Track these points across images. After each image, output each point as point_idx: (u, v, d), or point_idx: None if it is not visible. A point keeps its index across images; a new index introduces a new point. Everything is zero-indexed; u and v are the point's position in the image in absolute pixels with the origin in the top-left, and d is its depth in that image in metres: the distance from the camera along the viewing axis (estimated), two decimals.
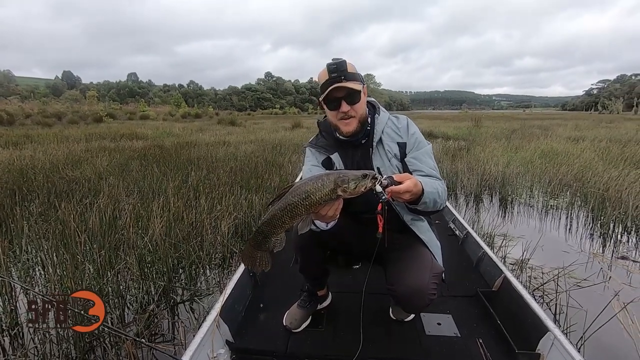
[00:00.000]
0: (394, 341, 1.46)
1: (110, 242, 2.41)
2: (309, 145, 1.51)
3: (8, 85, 69.90)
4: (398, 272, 1.31)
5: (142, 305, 1.99)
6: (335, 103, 1.32)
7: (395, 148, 1.39)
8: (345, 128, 1.35)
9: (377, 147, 1.40)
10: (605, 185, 3.98)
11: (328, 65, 1.29)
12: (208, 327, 1.32)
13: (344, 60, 1.30)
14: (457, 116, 28.50)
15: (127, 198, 3.49)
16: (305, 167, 1.49)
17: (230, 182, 4.17)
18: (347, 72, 1.28)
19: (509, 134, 10.86)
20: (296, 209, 1.00)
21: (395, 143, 1.40)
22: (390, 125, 1.43)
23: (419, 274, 1.27)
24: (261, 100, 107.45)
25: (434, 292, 1.27)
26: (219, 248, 2.66)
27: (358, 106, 1.33)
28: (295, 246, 1.47)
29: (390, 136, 1.41)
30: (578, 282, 2.24)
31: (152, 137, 10.69)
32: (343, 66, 1.28)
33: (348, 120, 1.34)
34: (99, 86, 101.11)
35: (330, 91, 1.28)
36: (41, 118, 19.67)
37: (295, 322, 1.55)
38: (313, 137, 1.54)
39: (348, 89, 1.28)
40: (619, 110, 38.79)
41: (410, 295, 1.27)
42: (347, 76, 1.28)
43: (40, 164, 5.36)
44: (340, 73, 1.27)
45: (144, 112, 29.47)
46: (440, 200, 1.26)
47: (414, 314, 1.60)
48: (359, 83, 1.31)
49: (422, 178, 1.25)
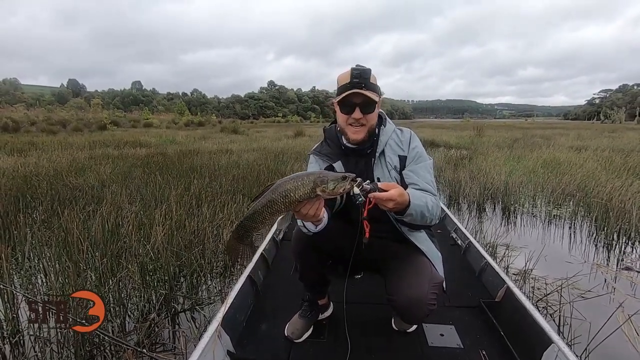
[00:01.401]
0: (396, 352, 1.44)
1: (112, 250, 2.41)
2: (312, 153, 1.52)
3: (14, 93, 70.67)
4: (397, 282, 1.31)
5: (143, 313, 1.98)
6: (350, 108, 1.33)
7: (396, 160, 1.41)
8: (353, 135, 1.37)
9: (379, 158, 1.41)
10: (608, 195, 3.97)
11: (352, 70, 1.29)
12: (209, 337, 1.31)
13: (369, 69, 1.31)
14: (459, 125, 28.55)
15: (130, 206, 3.50)
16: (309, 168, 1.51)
17: (233, 190, 4.18)
18: (369, 82, 1.30)
19: (511, 143, 10.86)
20: (276, 206, 1.04)
21: (396, 155, 1.41)
22: (394, 137, 1.44)
23: (418, 284, 1.27)
24: (264, 109, 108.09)
25: (434, 302, 1.27)
26: (220, 257, 2.65)
27: (370, 116, 1.35)
28: (292, 252, 1.48)
29: (393, 148, 1.42)
30: (582, 293, 2.21)
31: (155, 144, 10.75)
32: (367, 74, 1.29)
33: (358, 128, 1.35)
34: (104, 94, 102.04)
35: (348, 95, 1.29)
36: (46, 125, 19.83)
37: (296, 332, 1.54)
38: (317, 145, 1.55)
39: (366, 97, 1.29)
40: (622, 119, 38.78)
41: (409, 306, 1.27)
42: (368, 85, 1.29)
43: (44, 171, 5.40)
44: (362, 80, 1.28)
45: (147, 120, 29.69)
46: (429, 215, 1.25)
47: (415, 325, 1.59)
48: (376, 95, 1.32)
49: (412, 191, 1.27)
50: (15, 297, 1.88)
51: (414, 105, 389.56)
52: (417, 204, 1.20)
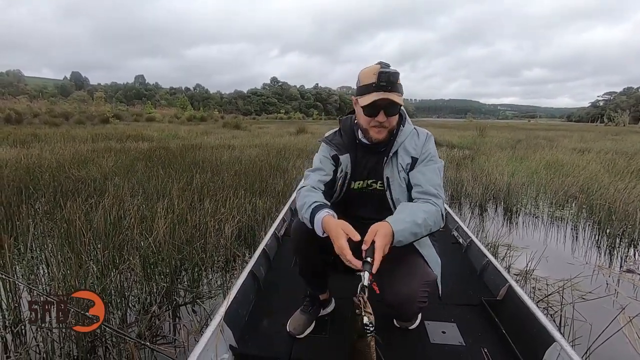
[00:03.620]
0: (397, 349, 1.44)
1: (114, 242, 2.42)
2: (324, 140, 1.51)
3: (17, 85, 70.77)
4: (387, 280, 1.30)
5: (144, 306, 1.99)
6: (374, 111, 1.28)
7: (408, 161, 1.38)
8: (377, 135, 1.34)
9: (391, 158, 1.38)
10: (612, 197, 3.95)
11: (380, 73, 1.23)
12: (212, 331, 1.31)
13: (397, 71, 1.25)
14: (461, 125, 28.49)
15: (132, 199, 3.50)
16: (316, 157, 1.51)
17: (235, 185, 4.19)
18: (396, 84, 1.25)
19: (514, 144, 10.83)
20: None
21: (409, 157, 1.38)
22: (411, 138, 1.41)
23: (409, 282, 1.28)
24: (266, 105, 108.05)
25: (424, 299, 1.28)
26: (222, 251, 2.66)
27: (394, 118, 1.33)
28: (292, 245, 1.49)
29: (407, 149, 1.39)
30: (583, 294, 2.21)
31: (157, 139, 10.76)
32: (396, 78, 1.24)
33: (380, 129, 1.33)
34: (107, 87, 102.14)
35: (376, 99, 1.25)
36: (49, 117, 19.89)
37: (298, 328, 1.54)
38: (330, 133, 1.53)
39: (392, 101, 1.25)
40: (625, 122, 38.55)
41: (398, 303, 1.29)
42: (394, 87, 1.25)
43: (47, 163, 5.41)
44: (390, 85, 1.24)
45: (150, 114, 29.72)
46: (422, 230, 1.19)
47: (416, 322, 1.59)
48: (400, 95, 1.29)
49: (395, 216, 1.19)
50: (17, 287, 1.89)
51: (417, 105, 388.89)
52: (402, 228, 1.14)
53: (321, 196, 1.35)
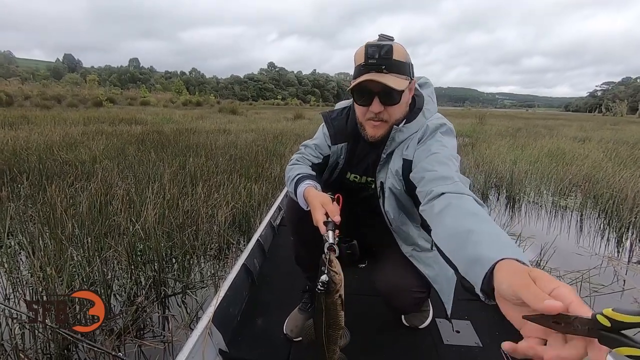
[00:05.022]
0: (407, 351, 1.30)
1: (99, 228, 2.27)
2: (324, 114, 1.25)
3: (8, 67, 69.19)
4: (381, 267, 1.17)
5: (130, 296, 1.86)
6: (366, 98, 0.99)
7: (399, 164, 1.06)
8: (372, 131, 1.04)
9: (386, 160, 1.10)
10: (618, 186, 3.85)
11: (367, 47, 0.95)
12: (199, 335, 1.15)
13: (391, 44, 0.94)
14: (460, 113, 28.19)
15: (121, 183, 3.34)
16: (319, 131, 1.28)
17: (230, 170, 4.03)
18: (392, 60, 0.93)
19: (514, 132, 10.70)
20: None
21: (401, 159, 1.06)
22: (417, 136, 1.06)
23: (404, 272, 1.12)
24: (263, 91, 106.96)
25: (422, 290, 1.12)
26: (214, 238, 2.52)
27: (394, 109, 1.00)
28: (287, 225, 1.31)
29: (404, 151, 1.07)
30: (596, 288, 2.10)
31: (151, 122, 10.50)
32: (388, 52, 0.93)
33: (377, 123, 1.02)
34: (100, 70, 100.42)
35: (362, 81, 0.95)
36: (40, 100, 19.43)
37: (296, 330, 1.37)
38: (339, 108, 1.25)
39: (385, 86, 0.93)
40: (623, 112, 38.41)
41: (390, 291, 1.13)
42: (391, 66, 0.94)
43: (34, 145, 5.21)
44: (382, 60, 0.93)
45: (144, 98, 29.18)
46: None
47: (427, 321, 1.44)
48: (404, 78, 0.96)
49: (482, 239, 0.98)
50: None
51: None
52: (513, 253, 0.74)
53: (307, 168, 1.19)
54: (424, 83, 1.18)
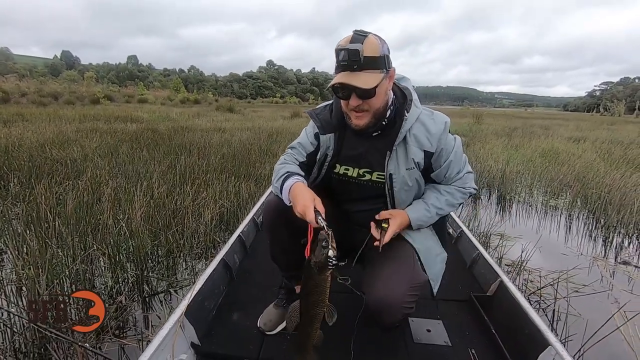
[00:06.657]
0: (378, 348, 1.32)
1: (84, 227, 2.27)
2: (310, 112, 1.29)
3: (6, 63, 68.79)
4: (371, 277, 1.14)
5: (111, 296, 1.86)
6: (345, 92, 1.06)
7: (420, 156, 1.16)
8: (356, 121, 1.12)
9: (396, 151, 1.16)
10: (607, 187, 3.86)
11: (337, 51, 1.02)
12: (170, 328, 1.16)
13: (362, 41, 1.00)
14: (458, 112, 28.20)
15: (111, 181, 3.34)
16: (303, 131, 1.33)
17: (220, 169, 4.02)
18: (364, 58, 1.00)
19: (510, 131, 10.71)
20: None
21: (422, 151, 1.15)
22: (421, 125, 1.16)
23: (394, 285, 1.08)
24: (262, 89, 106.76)
25: (411, 305, 1.10)
26: (200, 237, 2.52)
27: (373, 101, 1.08)
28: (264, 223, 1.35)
29: (419, 140, 1.15)
30: (577, 287, 2.11)
31: (147, 120, 10.47)
32: (355, 55, 0.99)
33: (360, 114, 1.11)
34: (98, 67, 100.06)
35: (335, 83, 1.05)
36: (37, 97, 19.32)
37: (269, 324, 1.40)
38: (321, 106, 1.31)
39: (355, 87, 1.02)
40: (621, 112, 38.42)
41: (380, 308, 1.08)
42: (362, 64, 1.00)
43: (27, 143, 5.19)
44: (352, 62, 1.00)
45: (142, 96, 29.06)
46: (442, 212, 1.23)
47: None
48: (378, 72, 1.03)
49: (413, 207, 1.22)
50: None
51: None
52: (418, 216, 1.20)
53: (296, 168, 1.23)
54: (401, 77, 1.26)
